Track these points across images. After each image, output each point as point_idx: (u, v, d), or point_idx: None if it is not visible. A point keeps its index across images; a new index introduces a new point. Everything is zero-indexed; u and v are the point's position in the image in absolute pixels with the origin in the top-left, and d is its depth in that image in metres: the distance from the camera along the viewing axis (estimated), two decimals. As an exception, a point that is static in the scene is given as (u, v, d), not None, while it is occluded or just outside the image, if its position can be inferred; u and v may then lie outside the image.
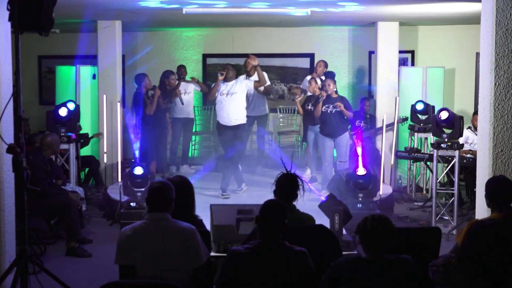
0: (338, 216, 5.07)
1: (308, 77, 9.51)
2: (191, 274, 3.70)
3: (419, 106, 9.14)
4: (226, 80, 8.30)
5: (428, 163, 8.55)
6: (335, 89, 8.36)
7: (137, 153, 7.77)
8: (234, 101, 8.25)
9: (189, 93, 9.76)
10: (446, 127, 7.42)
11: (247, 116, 8.58)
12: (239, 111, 8.32)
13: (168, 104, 9.23)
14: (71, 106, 8.33)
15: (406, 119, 9.54)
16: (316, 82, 8.97)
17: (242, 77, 8.71)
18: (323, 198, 5.60)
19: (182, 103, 9.48)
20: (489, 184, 4.41)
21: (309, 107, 8.95)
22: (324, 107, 8.30)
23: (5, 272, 4.45)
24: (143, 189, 7.06)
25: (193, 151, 10.64)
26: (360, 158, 7.29)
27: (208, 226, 4.62)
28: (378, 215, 3.45)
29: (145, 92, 8.72)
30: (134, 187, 7.17)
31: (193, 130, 10.44)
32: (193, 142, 10.63)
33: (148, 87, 8.80)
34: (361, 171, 7.15)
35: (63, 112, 8.04)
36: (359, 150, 7.43)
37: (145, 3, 7.71)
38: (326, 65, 9.63)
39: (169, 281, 3.47)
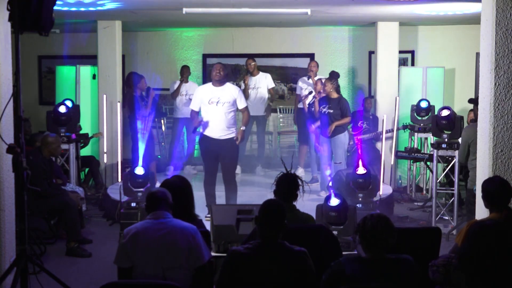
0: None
1: (305, 79, 9.45)
2: (193, 273, 3.70)
3: (423, 104, 9.11)
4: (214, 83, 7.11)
5: (428, 163, 8.55)
6: (331, 90, 8.21)
7: (141, 156, 7.52)
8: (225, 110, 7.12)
9: (191, 95, 9.66)
10: (446, 126, 7.40)
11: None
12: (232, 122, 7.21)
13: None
14: (69, 104, 8.35)
15: (407, 126, 9.45)
16: (322, 82, 8.84)
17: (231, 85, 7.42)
18: (331, 192, 5.58)
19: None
20: (486, 186, 4.37)
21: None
22: (320, 107, 8.25)
23: (5, 272, 4.45)
24: (143, 189, 7.03)
25: (195, 151, 10.61)
26: (359, 158, 7.29)
27: (208, 226, 4.62)
28: (377, 214, 3.45)
29: (139, 94, 8.28)
30: (134, 187, 7.15)
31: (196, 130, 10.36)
32: (196, 142, 10.59)
33: (143, 88, 8.39)
34: (361, 170, 7.15)
35: (62, 109, 8.05)
36: (359, 150, 7.42)
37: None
38: (317, 65, 9.49)
39: (170, 281, 3.47)
